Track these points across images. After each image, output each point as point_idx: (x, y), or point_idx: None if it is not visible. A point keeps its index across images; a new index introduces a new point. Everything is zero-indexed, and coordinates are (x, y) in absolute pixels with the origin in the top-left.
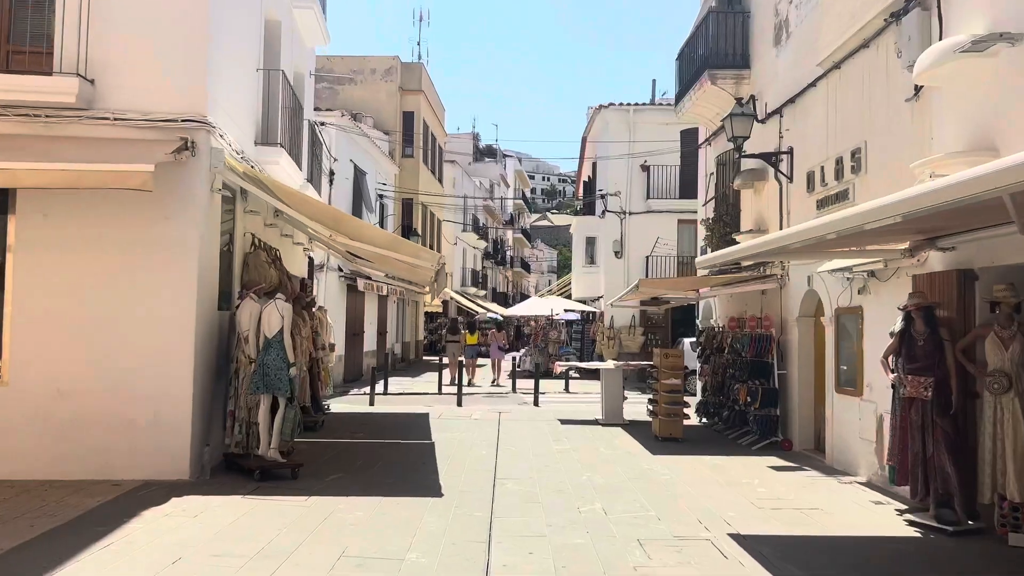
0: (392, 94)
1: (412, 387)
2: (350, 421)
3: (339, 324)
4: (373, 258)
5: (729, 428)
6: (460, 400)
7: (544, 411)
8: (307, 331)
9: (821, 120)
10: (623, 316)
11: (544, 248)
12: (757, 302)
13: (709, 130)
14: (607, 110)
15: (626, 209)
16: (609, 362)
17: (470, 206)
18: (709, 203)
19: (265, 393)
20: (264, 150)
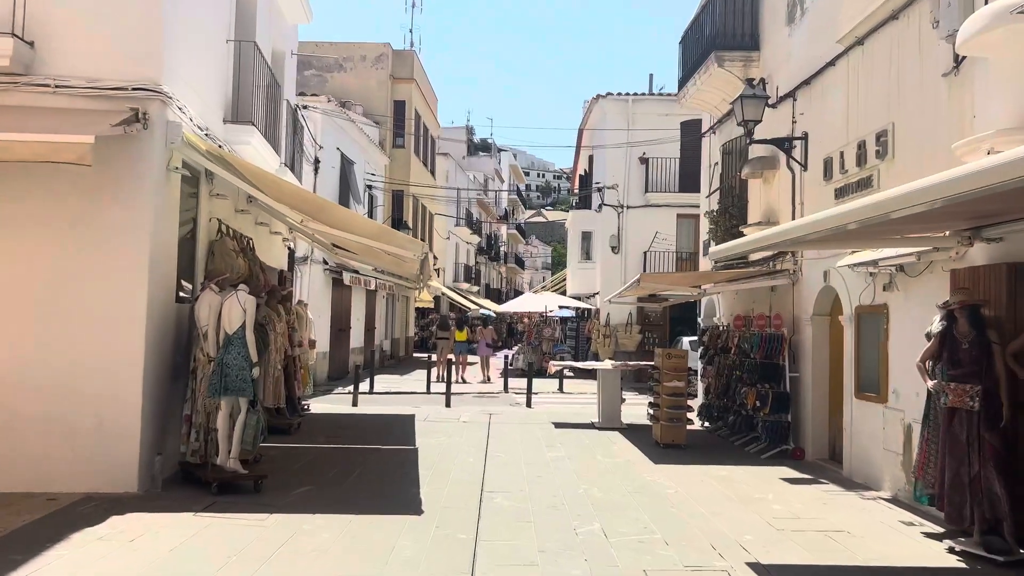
0: (383, 82)
1: (400, 386)
2: (329, 423)
3: (323, 319)
4: (355, 248)
5: (735, 434)
6: (448, 401)
7: (537, 413)
8: (282, 327)
9: (840, 102)
10: (620, 313)
11: (538, 244)
12: (766, 299)
13: (714, 118)
14: (605, 100)
15: (624, 203)
16: (607, 362)
17: (463, 200)
18: (713, 195)
19: (225, 396)
20: (234, 129)
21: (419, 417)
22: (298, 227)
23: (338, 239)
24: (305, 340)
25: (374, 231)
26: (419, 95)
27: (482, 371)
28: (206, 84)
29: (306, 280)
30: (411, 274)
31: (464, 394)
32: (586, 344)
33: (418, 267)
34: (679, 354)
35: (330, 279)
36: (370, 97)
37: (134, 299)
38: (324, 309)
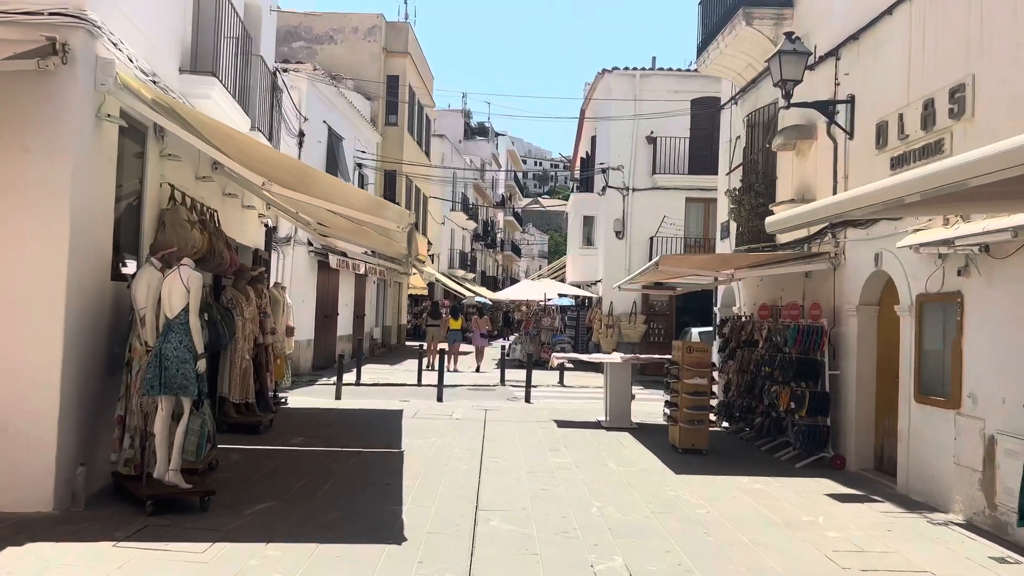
0: (375, 55)
1: (389, 376)
2: (307, 420)
3: (308, 305)
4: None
5: (761, 437)
6: (440, 394)
7: (537, 409)
8: (251, 311)
9: (900, 56)
10: (623, 302)
11: (535, 233)
12: (797, 286)
13: (736, 86)
14: (610, 75)
15: (629, 185)
16: (615, 355)
17: (460, 183)
18: (734, 172)
19: (163, 395)
20: (191, 80)
21: (408, 413)
22: (273, 200)
23: (318, 214)
24: (281, 327)
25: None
26: (414, 70)
27: (476, 360)
28: (157, 24)
29: (289, 262)
30: (399, 254)
31: (457, 387)
32: (587, 335)
33: (405, 243)
34: (701, 347)
35: (315, 262)
36: (362, 71)
37: (50, 275)
38: (309, 294)
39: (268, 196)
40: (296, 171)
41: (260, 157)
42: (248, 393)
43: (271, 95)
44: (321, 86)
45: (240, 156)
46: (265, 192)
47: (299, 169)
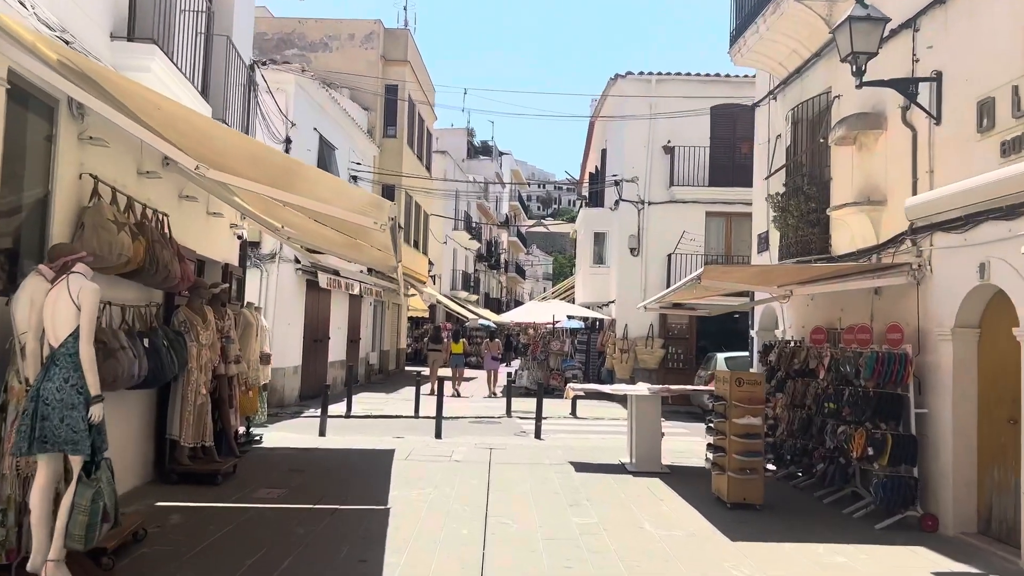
0: (373, 64)
1: (384, 407)
2: (280, 464)
3: (295, 328)
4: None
5: (823, 487)
6: (439, 429)
7: (549, 448)
8: (209, 336)
9: (1005, 21)
10: (639, 325)
11: (540, 254)
12: (863, 305)
13: (776, 78)
14: (624, 80)
15: (645, 198)
16: (641, 386)
17: (462, 200)
18: (776, 174)
19: (41, 454)
20: (126, 49)
21: (400, 453)
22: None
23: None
24: (254, 354)
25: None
26: (413, 80)
27: (488, 386)
28: None
29: (273, 281)
30: (389, 267)
31: (459, 419)
32: (598, 360)
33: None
34: (754, 379)
35: (303, 281)
36: (358, 80)
37: None
38: (296, 316)
39: (231, 197)
40: (273, 167)
41: (229, 147)
42: (205, 435)
43: (247, 91)
44: (311, 90)
45: (196, 146)
46: (202, 175)
47: (277, 165)
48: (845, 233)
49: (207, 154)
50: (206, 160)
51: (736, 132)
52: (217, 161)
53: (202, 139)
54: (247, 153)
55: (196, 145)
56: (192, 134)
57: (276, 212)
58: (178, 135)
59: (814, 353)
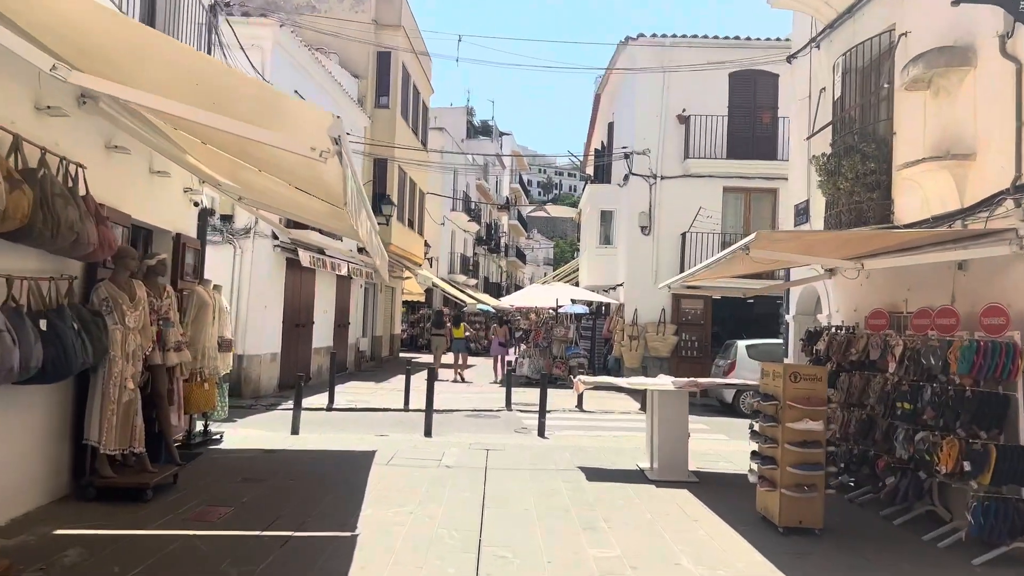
0: (364, 28)
1: (372, 398)
2: (236, 471)
3: (273, 311)
4: (247, 184)
5: (892, 504)
6: (429, 427)
7: (554, 449)
8: (139, 318)
9: None
10: (649, 310)
11: (541, 239)
12: (937, 283)
13: (820, 21)
14: (635, 45)
15: (657, 172)
16: (663, 378)
17: (461, 180)
18: (820, 133)
19: None
20: None
21: (382, 456)
22: (180, 157)
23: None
24: (211, 340)
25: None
26: (408, 47)
27: (495, 371)
28: None
29: (248, 259)
30: (348, 228)
31: (453, 412)
32: (603, 347)
33: (339, 189)
34: (812, 374)
35: (282, 259)
36: (348, 46)
37: None
38: (274, 298)
39: (178, 153)
40: (156, 58)
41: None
42: (134, 439)
43: (207, 35)
44: (292, 47)
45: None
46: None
47: (159, 53)
48: (914, 196)
49: (75, 54)
50: (77, 59)
51: (757, 100)
52: (97, 67)
53: (69, 29)
54: (128, 44)
55: (60, 41)
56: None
57: (224, 167)
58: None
59: (876, 341)
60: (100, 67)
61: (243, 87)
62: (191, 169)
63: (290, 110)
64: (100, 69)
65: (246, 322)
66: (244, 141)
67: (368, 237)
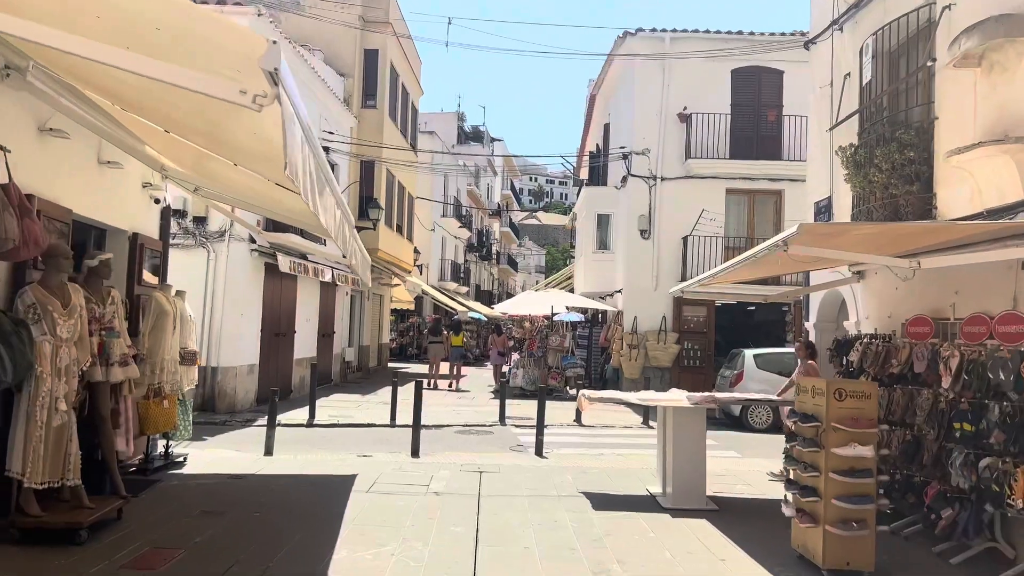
0: (350, 26)
1: (356, 412)
2: (194, 500)
3: (250, 319)
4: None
5: (950, 537)
6: (416, 446)
7: (554, 470)
8: (72, 328)
9: None
10: (649, 317)
11: (532, 246)
12: (992, 286)
13: (842, 2)
14: (634, 39)
15: (657, 173)
16: (675, 393)
17: (452, 185)
18: (846, 122)
19: None
20: None
21: (363, 481)
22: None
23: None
24: (167, 352)
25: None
26: (396, 46)
27: (496, 380)
28: None
29: (223, 263)
30: (303, 215)
31: (443, 428)
32: (600, 356)
33: (280, 147)
34: (861, 390)
35: (260, 264)
36: (334, 44)
37: None
38: (251, 306)
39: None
40: None
41: None
42: (67, 469)
43: None
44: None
45: None
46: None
47: None
48: (963, 187)
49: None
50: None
51: (761, 98)
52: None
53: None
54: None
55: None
56: None
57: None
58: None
59: (922, 352)
60: None
61: (150, 11)
62: (141, 157)
63: (208, 37)
64: None
65: (220, 332)
66: (212, 126)
67: (336, 229)
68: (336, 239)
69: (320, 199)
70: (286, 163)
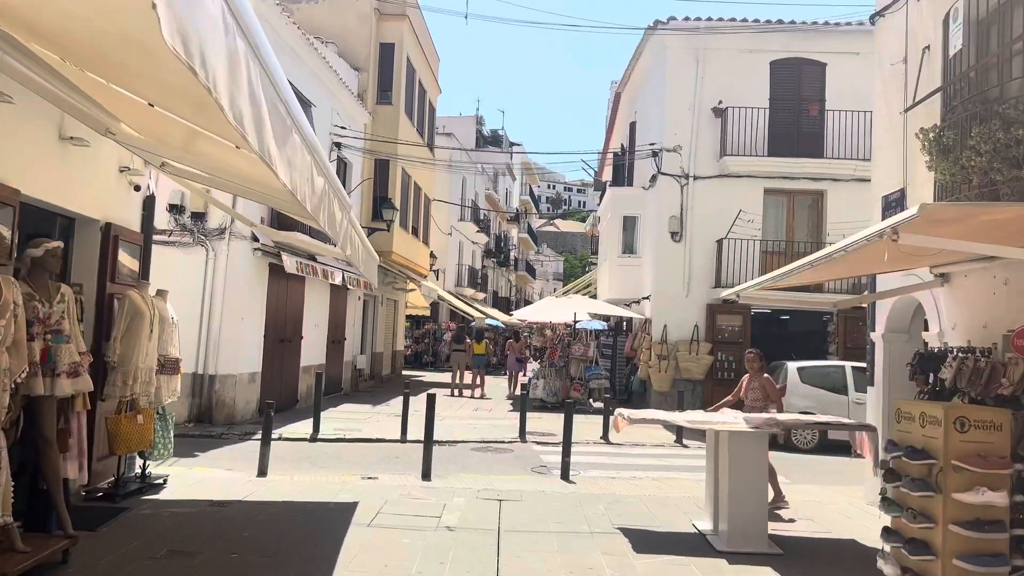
0: (365, 18)
1: (365, 425)
2: (165, 533)
3: (252, 324)
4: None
5: None
6: (428, 467)
7: (585, 499)
8: (4, 329)
9: None
10: (681, 326)
11: (550, 253)
12: None
13: None
14: (665, 32)
15: (689, 171)
16: (730, 414)
17: (469, 188)
18: (925, 102)
19: None
20: None
21: (363, 512)
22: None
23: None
24: (143, 360)
25: None
26: (413, 40)
27: (510, 388)
28: None
29: (223, 263)
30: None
31: (457, 444)
32: (625, 367)
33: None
34: (988, 419)
35: (265, 264)
36: (348, 37)
37: None
38: (253, 309)
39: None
40: None
41: None
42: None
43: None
44: (277, 22)
45: None
46: None
47: None
48: None
49: None
50: None
51: (802, 92)
52: None
53: None
54: None
55: None
56: None
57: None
58: None
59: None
60: None
61: None
62: (81, 116)
63: None
64: None
65: (219, 337)
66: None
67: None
68: (318, 216)
69: (280, 148)
70: (214, 95)
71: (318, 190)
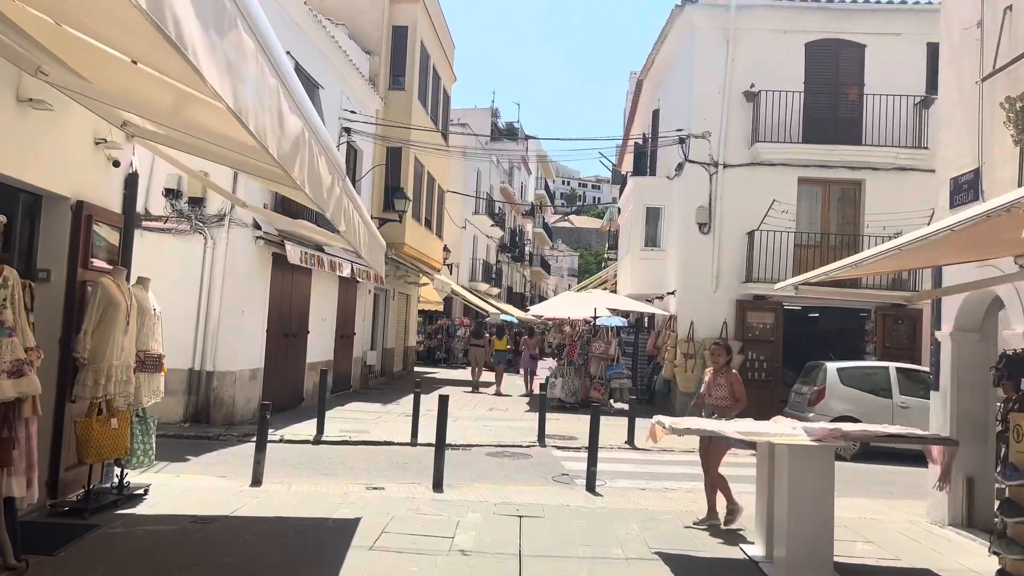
0: (377, 0)
1: (374, 425)
2: (136, 556)
3: (254, 317)
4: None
5: None
6: (440, 477)
7: (612, 514)
8: None
9: None
10: (709, 323)
11: (565, 249)
12: None
13: None
14: (693, 9)
15: (719, 159)
16: (787, 424)
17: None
18: (1008, 68)
19: None
20: None
21: (365, 531)
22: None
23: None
24: (118, 356)
25: None
26: (427, 23)
27: (525, 385)
28: None
29: (221, 252)
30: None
31: (471, 449)
32: (648, 366)
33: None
34: None
35: (268, 254)
36: (359, 18)
37: None
38: (255, 301)
39: None
40: None
41: None
42: None
43: None
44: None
45: None
46: None
47: None
48: None
49: None
50: None
51: (839, 75)
52: None
53: None
54: None
55: None
56: None
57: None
58: None
59: None
60: None
61: None
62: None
63: None
64: None
65: (218, 331)
66: None
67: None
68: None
69: (207, 34)
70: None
71: (290, 131)
